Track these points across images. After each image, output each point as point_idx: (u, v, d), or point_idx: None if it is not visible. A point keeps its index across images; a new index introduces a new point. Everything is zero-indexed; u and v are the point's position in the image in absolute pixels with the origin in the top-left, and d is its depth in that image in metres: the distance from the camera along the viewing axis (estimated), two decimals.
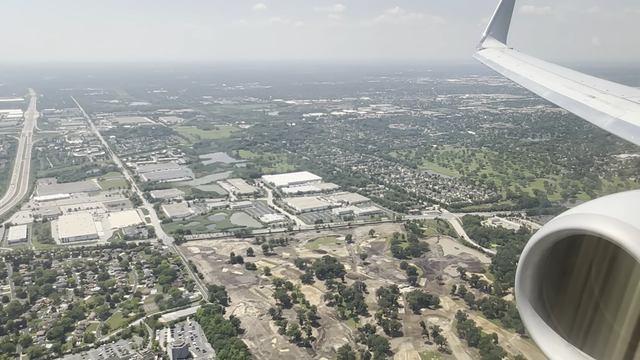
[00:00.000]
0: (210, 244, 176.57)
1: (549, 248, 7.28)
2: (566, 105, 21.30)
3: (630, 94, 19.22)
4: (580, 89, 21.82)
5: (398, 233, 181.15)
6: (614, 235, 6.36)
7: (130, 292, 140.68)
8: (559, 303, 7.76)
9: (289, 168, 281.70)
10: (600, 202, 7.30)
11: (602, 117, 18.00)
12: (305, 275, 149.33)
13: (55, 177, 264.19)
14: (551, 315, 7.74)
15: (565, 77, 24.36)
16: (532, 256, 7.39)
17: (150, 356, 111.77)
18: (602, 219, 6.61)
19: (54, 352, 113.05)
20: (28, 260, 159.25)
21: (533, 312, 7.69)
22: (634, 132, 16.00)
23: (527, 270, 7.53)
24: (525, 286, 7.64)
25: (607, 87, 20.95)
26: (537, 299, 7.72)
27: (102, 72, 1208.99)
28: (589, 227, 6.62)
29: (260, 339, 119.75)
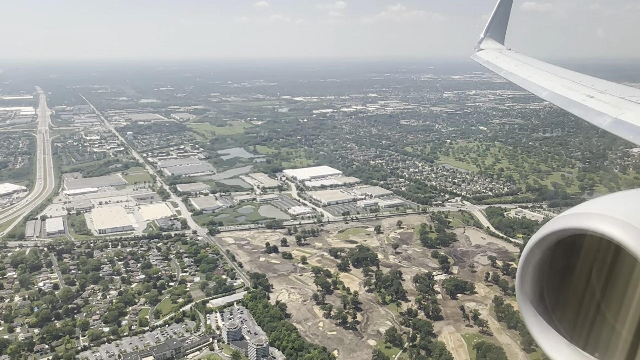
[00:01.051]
0: (244, 234, 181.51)
1: (550, 248, 7.29)
2: (565, 105, 21.34)
3: (629, 94, 19.23)
4: (578, 88, 21.83)
5: (425, 224, 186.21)
6: (615, 235, 6.36)
7: (174, 280, 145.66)
8: (560, 303, 7.76)
9: (308, 163, 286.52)
10: (601, 201, 7.29)
11: (601, 117, 18.07)
12: (342, 263, 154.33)
13: (79, 171, 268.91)
14: (552, 315, 7.72)
15: (563, 77, 24.39)
16: (532, 256, 7.40)
17: (206, 338, 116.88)
18: (602, 218, 6.62)
19: (112, 335, 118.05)
20: (70, 251, 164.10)
21: (534, 312, 7.67)
22: (633, 131, 15.99)
23: (527, 270, 7.53)
24: (526, 286, 7.63)
25: (605, 86, 20.97)
26: (538, 299, 7.70)
27: (106, 70, 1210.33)
28: (590, 226, 6.64)
29: (307, 323, 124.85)
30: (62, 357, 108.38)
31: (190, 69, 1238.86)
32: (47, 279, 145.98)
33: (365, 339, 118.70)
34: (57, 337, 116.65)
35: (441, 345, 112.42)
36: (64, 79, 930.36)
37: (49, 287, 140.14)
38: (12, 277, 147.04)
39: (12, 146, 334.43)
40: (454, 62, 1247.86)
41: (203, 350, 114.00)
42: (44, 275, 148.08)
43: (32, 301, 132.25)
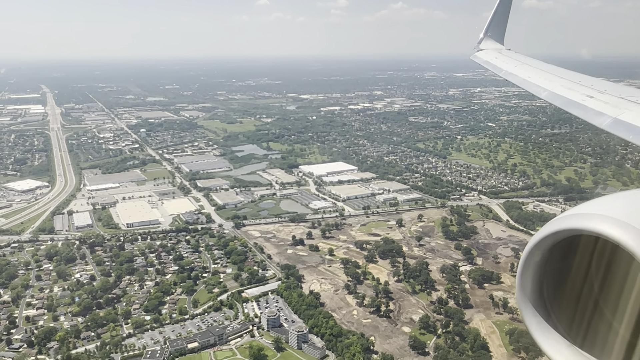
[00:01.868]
0: (269, 228, 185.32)
1: (550, 248, 7.34)
2: (564, 106, 21.30)
3: (628, 93, 19.25)
4: (578, 89, 21.85)
5: (446, 217, 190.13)
6: (614, 235, 6.40)
7: (207, 271, 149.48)
8: (560, 303, 7.80)
9: (323, 159, 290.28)
10: (600, 202, 7.34)
11: (601, 117, 18.05)
12: (368, 255, 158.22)
13: (98, 168, 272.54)
14: (552, 316, 7.77)
15: (563, 78, 24.38)
16: (532, 256, 7.44)
17: (246, 325, 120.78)
18: (601, 218, 6.66)
19: (154, 323, 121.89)
20: (101, 244, 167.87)
21: (534, 313, 7.72)
22: (632, 131, 15.98)
23: (527, 271, 7.57)
24: (526, 286, 7.67)
25: (605, 86, 20.96)
26: (538, 299, 7.75)
27: (108, 69, 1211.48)
28: (589, 227, 6.67)
29: (341, 311, 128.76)
30: (109, 344, 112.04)
31: (193, 67, 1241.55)
32: (83, 270, 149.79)
33: (399, 326, 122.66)
34: (102, 325, 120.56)
35: (475, 331, 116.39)
36: (67, 78, 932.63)
37: (86, 279, 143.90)
38: (49, 269, 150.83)
39: (27, 143, 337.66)
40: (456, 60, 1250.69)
41: (244, 337, 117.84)
42: (80, 267, 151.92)
43: (72, 291, 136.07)
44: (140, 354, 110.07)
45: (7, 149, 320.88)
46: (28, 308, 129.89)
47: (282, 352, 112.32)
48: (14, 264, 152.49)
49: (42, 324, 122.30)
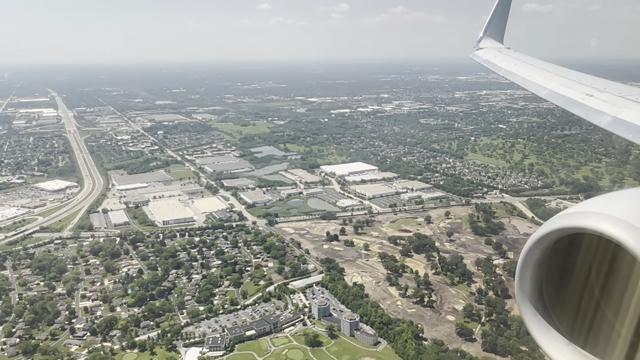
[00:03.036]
0: (301, 225, 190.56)
1: (549, 247, 7.34)
2: (564, 104, 21.25)
3: (628, 92, 19.18)
4: (577, 87, 21.80)
5: (472, 214, 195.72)
6: (614, 234, 6.42)
7: (250, 265, 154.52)
8: (560, 302, 7.80)
9: (342, 159, 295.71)
10: (600, 200, 7.36)
11: (600, 116, 18.00)
12: (403, 249, 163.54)
13: (122, 169, 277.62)
14: (552, 314, 7.77)
15: (562, 76, 24.33)
16: (532, 255, 7.46)
17: (297, 315, 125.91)
18: (601, 217, 6.67)
19: (208, 313, 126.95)
20: (141, 240, 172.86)
21: (534, 311, 7.73)
22: (631, 130, 15.94)
23: (527, 269, 7.59)
24: (526, 285, 7.70)
25: (604, 85, 20.89)
26: (538, 298, 7.75)
27: (112, 73, 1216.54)
28: (589, 225, 6.69)
29: (385, 302, 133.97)
30: (169, 332, 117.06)
31: (195, 71, 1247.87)
32: (129, 265, 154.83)
33: (443, 315, 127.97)
34: (158, 315, 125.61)
35: (519, 318, 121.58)
36: (72, 82, 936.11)
37: (134, 272, 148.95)
38: (95, 263, 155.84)
39: (47, 145, 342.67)
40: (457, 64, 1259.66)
41: (296, 325, 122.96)
42: (125, 262, 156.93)
43: (124, 284, 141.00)
44: (201, 341, 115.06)
45: (29, 150, 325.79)
46: (83, 300, 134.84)
47: (335, 339, 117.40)
48: (61, 259, 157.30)
49: (100, 314, 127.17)
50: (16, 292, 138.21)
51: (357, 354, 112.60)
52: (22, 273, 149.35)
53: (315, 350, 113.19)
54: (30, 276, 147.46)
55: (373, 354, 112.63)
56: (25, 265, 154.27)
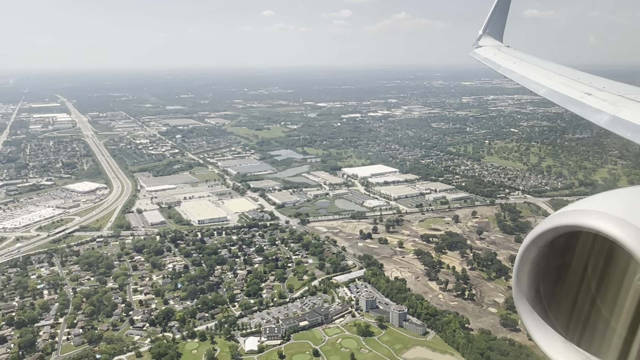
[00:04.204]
0: (333, 224, 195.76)
1: (546, 245, 7.37)
2: (563, 103, 21.31)
3: (627, 91, 19.21)
4: (576, 86, 21.80)
5: (499, 214, 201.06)
6: (611, 232, 6.45)
7: (290, 261, 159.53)
8: (557, 300, 7.85)
9: (362, 162, 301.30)
10: (598, 199, 7.39)
11: (599, 115, 18.01)
12: (437, 247, 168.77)
13: (147, 171, 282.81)
14: (548, 312, 7.82)
15: (561, 75, 24.33)
16: (529, 253, 7.48)
17: (346, 307, 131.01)
18: (599, 215, 6.71)
19: (259, 305, 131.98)
20: (181, 238, 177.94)
21: (530, 309, 7.77)
22: (630, 129, 16.02)
23: (524, 267, 7.64)
24: (523, 283, 7.73)
25: (603, 84, 20.90)
26: (535, 296, 7.79)
27: (117, 79, 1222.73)
28: (586, 223, 6.72)
29: (427, 295, 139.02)
30: (225, 322, 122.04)
31: (200, 77, 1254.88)
32: (174, 261, 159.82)
33: (485, 307, 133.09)
34: (211, 308, 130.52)
35: None
36: (79, 88, 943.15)
37: (179, 268, 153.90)
38: (140, 260, 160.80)
39: (68, 149, 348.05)
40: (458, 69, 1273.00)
41: (346, 317, 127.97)
42: (169, 259, 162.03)
43: (173, 279, 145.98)
44: (257, 331, 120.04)
45: (52, 154, 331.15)
46: (135, 294, 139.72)
47: (385, 329, 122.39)
48: (107, 256, 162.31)
49: (155, 307, 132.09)
50: (69, 287, 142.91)
51: (408, 343, 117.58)
52: (71, 269, 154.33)
53: (367, 339, 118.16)
54: (80, 272, 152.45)
55: (423, 343, 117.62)
56: (73, 262, 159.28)
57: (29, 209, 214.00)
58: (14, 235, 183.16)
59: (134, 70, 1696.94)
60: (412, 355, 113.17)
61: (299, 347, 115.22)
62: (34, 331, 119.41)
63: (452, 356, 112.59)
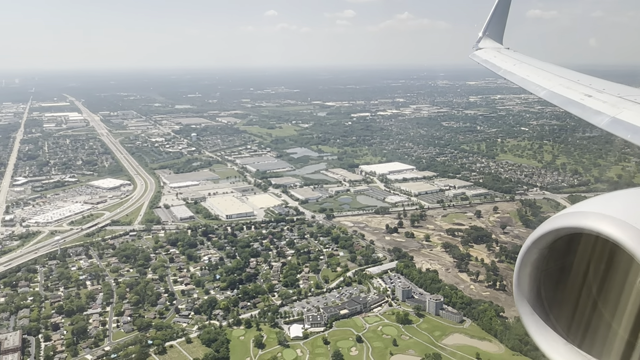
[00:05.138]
0: (358, 219, 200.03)
1: (547, 246, 7.39)
2: (563, 105, 21.27)
3: (627, 93, 19.19)
4: (576, 88, 21.83)
5: (520, 209, 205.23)
6: (612, 234, 6.46)
7: (322, 254, 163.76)
8: (557, 301, 7.83)
9: (378, 160, 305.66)
10: (598, 200, 7.43)
11: (599, 116, 18.02)
12: (463, 240, 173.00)
13: (167, 168, 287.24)
14: (549, 314, 7.81)
15: (561, 77, 24.36)
16: (530, 255, 7.51)
17: (382, 297, 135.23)
18: (599, 217, 6.72)
19: (298, 295, 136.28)
20: (212, 232, 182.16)
21: (531, 311, 7.76)
22: (630, 130, 15.99)
23: (525, 269, 7.66)
24: (523, 285, 7.74)
25: (603, 86, 20.90)
26: (535, 298, 7.78)
27: (122, 79, 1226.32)
28: (587, 225, 6.74)
29: (459, 286, 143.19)
30: (268, 310, 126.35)
31: (204, 77, 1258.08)
32: (208, 254, 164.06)
33: None
34: (252, 297, 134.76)
35: None
36: (85, 87, 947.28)
37: (215, 260, 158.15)
38: (175, 252, 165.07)
39: (86, 147, 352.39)
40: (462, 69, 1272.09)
41: (383, 306, 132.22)
42: (204, 251, 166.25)
43: (211, 271, 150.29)
44: (299, 319, 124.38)
45: (70, 152, 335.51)
46: (176, 284, 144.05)
47: (422, 317, 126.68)
48: (143, 248, 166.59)
49: (197, 297, 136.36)
50: (110, 278, 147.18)
51: (446, 330, 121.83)
52: (109, 261, 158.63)
53: (406, 327, 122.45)
54: (118, 264, 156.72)
55: (461, 330, 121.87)
56: (110, 255, 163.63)
57: (58, 205, 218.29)
58: (47, 229, 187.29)
59: (137, 70, 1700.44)
60: (451, 341, 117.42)
61: (342, 334, 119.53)
62: (85, 319, 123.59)
63: (490, 342, 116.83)
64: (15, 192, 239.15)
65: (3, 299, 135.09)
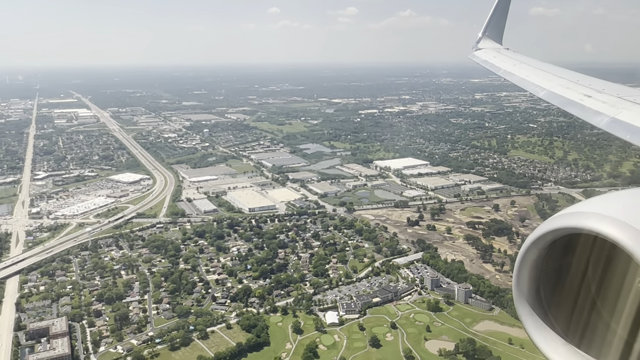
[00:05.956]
0: (378, 212, 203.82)
1: (546, 247, 7.38)
2: (562, 105, 21.31)
3: (626, 93, 19.22)
4: (576, 88, 21.84)
5: (537, 203, 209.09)
6: (611, 234, 6.48)
7: (347, 246, 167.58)
8: (557, 302, 7.86)
9: (392, 155, 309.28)
10: (598, 201, 7.41)
11: (599, 116, 18.06)
12: (484, 233, 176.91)
13: (183, 163, 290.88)
14: (549, 314, 7.83)
15: (561, 77, 24.41)
16: (529, 255, 7.50)
17: (411, 286, 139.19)
18: (599, 217, 6.72)
19: (329, 284, 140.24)
20: (238, 224, 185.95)
21: (530, 311, 7.78)
22: (630, 131, 16.08)
23: (524, 269, 7.64)
24: (523, 285, 7.73)
25: (603, 86, 20.91)
26: (535, 298, 7.79)
27: (126, 76, 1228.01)
28: (586, 225, 6.74)
29: (485, 276, 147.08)
30: (302, 299, 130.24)
31: (208, 74, 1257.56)
32: (236, 245, 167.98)
33: None
34: (285, 286, 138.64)
35: None
36: (89, 84, 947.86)
37: (244, 251, 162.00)
38: (204, 244, 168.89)
39: (100, 142, 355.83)
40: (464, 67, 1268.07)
41: (412, 295, 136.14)
42: (232, 243, 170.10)
43: (241, 261, 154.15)
44: (333, 306, 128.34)
45: (86, 147, 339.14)
46: (209, 274, 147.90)
47: (452, 305, 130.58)
48: (172, 240, 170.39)
49: (231, 285, 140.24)
50: (144, 268, 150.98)
51: (476, 317, 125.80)
52: (140, 252, 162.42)
53: (438, 314, 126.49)
54: (150, 254, 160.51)
55: (491, 317, 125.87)
56: (140, 246, 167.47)
57: (81, 198, 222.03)
58: (74, 221, 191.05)
59: (138, 68, 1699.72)
60: (482, 328, 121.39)
61: (376, 321, 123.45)
62: (125, 306, 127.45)
63: (520, 329, 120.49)
64: (37, 186, 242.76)
65: (43, 287, 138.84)
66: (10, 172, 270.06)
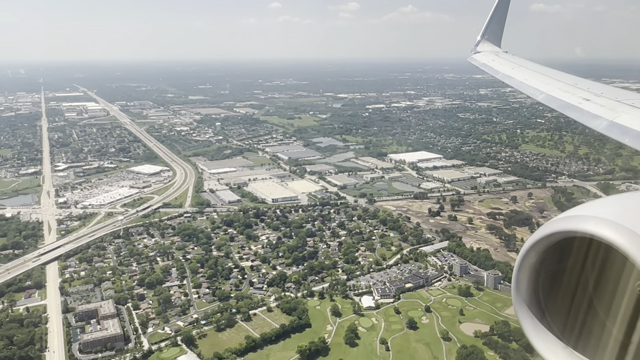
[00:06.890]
0: (399, 203, 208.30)
1: (545, 250, 7.44)
2: (561, 108, 21.40)
3: (624, 97, 19.28)
4: (574, 91, 21.91)
5: (554, 195, 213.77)
6: (609, 237, 6.53)
7: (373, 235, 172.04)
8: (555, 305, 7.90)
9: (405, 149, 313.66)
10: (596, 204, 7.49)
11: (597, 120, 18.23)
12: (505, 223, 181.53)
13: (200, 155, 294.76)
14: (547, 317, 7.87)
15: (559, 80, 24.50)
16: (528, 258, 7.56)
17: (441, 272, 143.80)
18: (597, 220, 6.77)
19: (361, 270, 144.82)
20: (264, 214, 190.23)
21: (529, 314, 7.82)
22: (628, 134, 16.20)
23: (523, 272, 7.69)
24: (522, 288, 7.77)
25: (601, 90, 20.93)
26: (534, 301, 7.84)
27: (128, 70, 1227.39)
28: (585, 229, 6.79)
29: (511, 263, 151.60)
30: (337, 284, 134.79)
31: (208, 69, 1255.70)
32: (265, 233, 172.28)
33: None
34: (318, 272, 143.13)
35: None
36: (92, 78, 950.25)
37: (273, 239, 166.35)
38: (233, 232, 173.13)
39: (114, 135, 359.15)
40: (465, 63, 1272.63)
41: (442, 281, 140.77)
42: (260, 231, 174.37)
43: (273, 249, 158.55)
44: (368, 291, 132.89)
45: (101, 139, 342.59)
46: (242, 261, 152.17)
47: (482, 291, 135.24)
48: (202, 229, 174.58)
49: (265, 272, 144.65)
50: (178, 255, 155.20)
51: (507, 302, 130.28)
52: (172, 240, 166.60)
53: (469, 299, 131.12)
54: (182, 242, 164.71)
55: None
56: (171, 234, 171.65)
57: (105, 189, 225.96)
58: (102, 211, 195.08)
59: (139, 62, 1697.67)
60: (513, 312, 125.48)
61: (410, 305, 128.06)
62: (167, 290, 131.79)
63: None
64: (58, 177, 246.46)
65: (83, 273, 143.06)
66: (31, 163, 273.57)
